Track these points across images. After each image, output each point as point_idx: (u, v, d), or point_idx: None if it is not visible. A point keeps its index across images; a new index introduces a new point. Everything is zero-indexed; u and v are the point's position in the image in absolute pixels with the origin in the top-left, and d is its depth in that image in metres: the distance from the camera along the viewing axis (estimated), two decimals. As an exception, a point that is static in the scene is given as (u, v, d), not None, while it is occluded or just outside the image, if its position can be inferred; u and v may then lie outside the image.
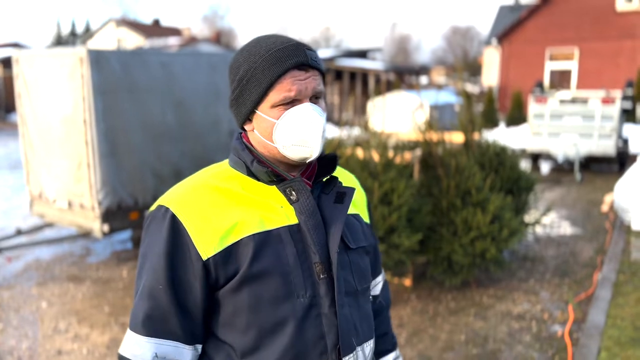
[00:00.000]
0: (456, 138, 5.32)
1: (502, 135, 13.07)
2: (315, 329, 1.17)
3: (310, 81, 1.18)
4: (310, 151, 1.19)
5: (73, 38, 62.34)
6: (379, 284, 1.52)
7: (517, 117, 16.36)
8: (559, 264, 5.42)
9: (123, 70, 5.13)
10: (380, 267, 1.54)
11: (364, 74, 21.92)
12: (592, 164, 11.58)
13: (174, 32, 40.10)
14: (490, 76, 23.49)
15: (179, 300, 1.16)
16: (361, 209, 1.41)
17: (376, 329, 1.48)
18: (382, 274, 1.55)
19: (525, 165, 10.67)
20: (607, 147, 10.45)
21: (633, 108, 12.85)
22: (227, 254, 1.15)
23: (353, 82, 22.17)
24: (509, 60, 19.93)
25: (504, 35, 19.92)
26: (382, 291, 1.53)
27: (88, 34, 48.98)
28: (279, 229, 1.18)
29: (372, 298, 1.48)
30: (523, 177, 5.42)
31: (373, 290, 1.50)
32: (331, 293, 1.18)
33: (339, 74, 22.14)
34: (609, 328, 3.96)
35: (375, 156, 4.51)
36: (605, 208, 7.60)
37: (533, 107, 11.04)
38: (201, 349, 1.22)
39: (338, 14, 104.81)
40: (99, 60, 4.91)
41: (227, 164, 1.29)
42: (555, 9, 18.85)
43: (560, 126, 10.81)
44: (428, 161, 4.82)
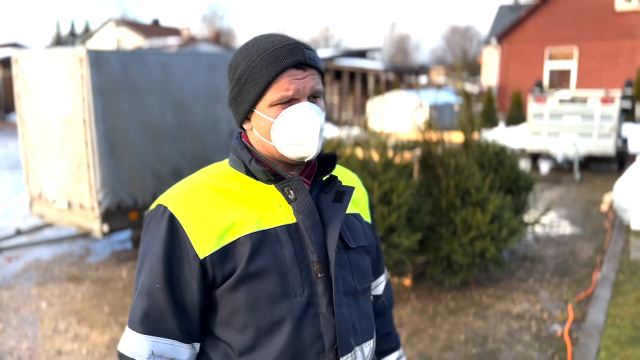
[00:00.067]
0: (455, 138, 5.32)
1: (502, 135, 13.08)
2: (313, 328, 1.17)
3: (309, 80, 1.17)
4: (308, 150, 1.18)
5: (72, 38, 62.34)
6: (381, 284, 1.51)
7: (517, 117, 16.37)
8: (559, 264, 5.42)
9: (122, 70, 5.13)
10: (383, 267, 1.53)
11: (364, 74, 21.91)
12: (592, 164, 11.58)
13: (173, 32, 40.10)
14: (490, 76, 23.50)
15: (176, 299, 1.16)
16: (362, 208, 1.41)
17: (379, 329, 1.48)
18: (385, 273, 1.54)
19: (524, 164, 10.67)
20: (607, 147, 10.44)
21: (632, 107, 12.84)
22: (224, 253, 1.15)
23: (352, 82, 22.16)
24: (508, 59, 19.94)
25: (503, 34, 19.93)
26: (385, 291, 1.53)
27: (87, 34, 48.96)
28: (276, 228, 1.18)
29: (375, 298, 1.48)
30: (522, 177, 5.42)
31: (375, 289, 1.49)
32: (329, 292, 1.18)
33: (338, 74, 22.13)
34: (609, 327, 3.96)
35: (375, 156, 4.51)
36: (604, 207, 7.60)
37: (532, 107, 11.04)
38: (199, 348, 1.23)
39: (337, 14, 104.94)
40: (98, 60, 4.92)
41: (227, 163, 1.29)
42: (554, 8, 18.87)
43: (560, 126, 10.81)
44: (427, 161, 4.82)
